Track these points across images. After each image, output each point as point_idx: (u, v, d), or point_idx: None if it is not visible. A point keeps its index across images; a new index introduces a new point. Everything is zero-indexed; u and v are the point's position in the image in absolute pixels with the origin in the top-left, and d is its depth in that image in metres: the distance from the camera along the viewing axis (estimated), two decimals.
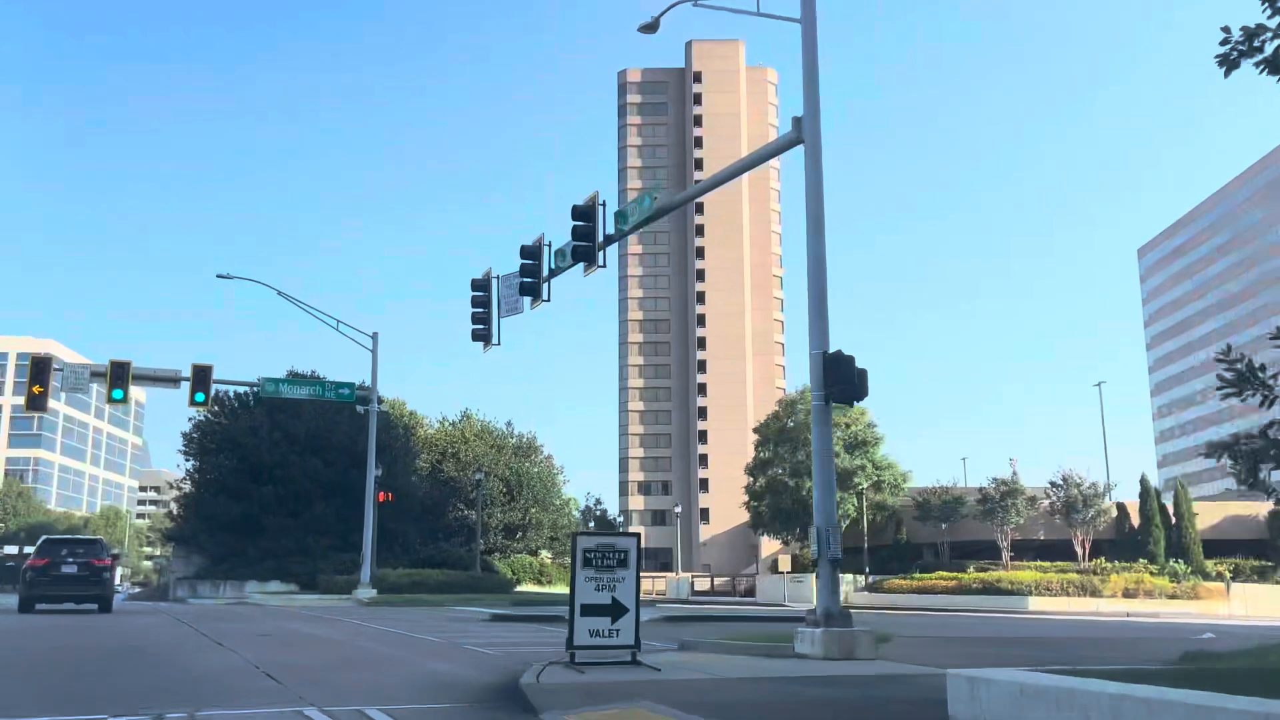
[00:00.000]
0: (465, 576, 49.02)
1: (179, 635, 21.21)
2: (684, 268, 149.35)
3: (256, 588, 49.98)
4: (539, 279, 25.57)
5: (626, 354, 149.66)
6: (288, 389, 43.38)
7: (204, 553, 55.00)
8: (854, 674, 13.22)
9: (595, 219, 23.25)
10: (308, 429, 54.60)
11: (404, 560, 51.87)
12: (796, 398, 60.65)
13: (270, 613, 33.37)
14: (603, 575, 13.77)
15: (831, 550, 15.86)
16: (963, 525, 56.67)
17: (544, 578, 59.04)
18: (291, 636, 21.24)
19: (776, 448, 60.00)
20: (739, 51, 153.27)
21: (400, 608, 38.12)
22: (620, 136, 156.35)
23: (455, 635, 21.81)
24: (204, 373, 41.37)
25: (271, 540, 52.29)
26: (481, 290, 28.55)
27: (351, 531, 53.48)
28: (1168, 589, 50.37)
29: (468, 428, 62.36)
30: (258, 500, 52.68)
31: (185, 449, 56.21)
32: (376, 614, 32.24)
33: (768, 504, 58.49)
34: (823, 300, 16.76)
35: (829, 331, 16.64)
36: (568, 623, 13.58)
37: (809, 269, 16.87)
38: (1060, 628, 31.12)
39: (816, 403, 16.33)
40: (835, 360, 16.11)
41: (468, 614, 32.57)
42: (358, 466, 54.05)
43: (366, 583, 42.85)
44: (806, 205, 17.01)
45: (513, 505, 59.33)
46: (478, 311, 28.47)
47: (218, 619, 28.32)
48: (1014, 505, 53.35)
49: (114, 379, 40.51)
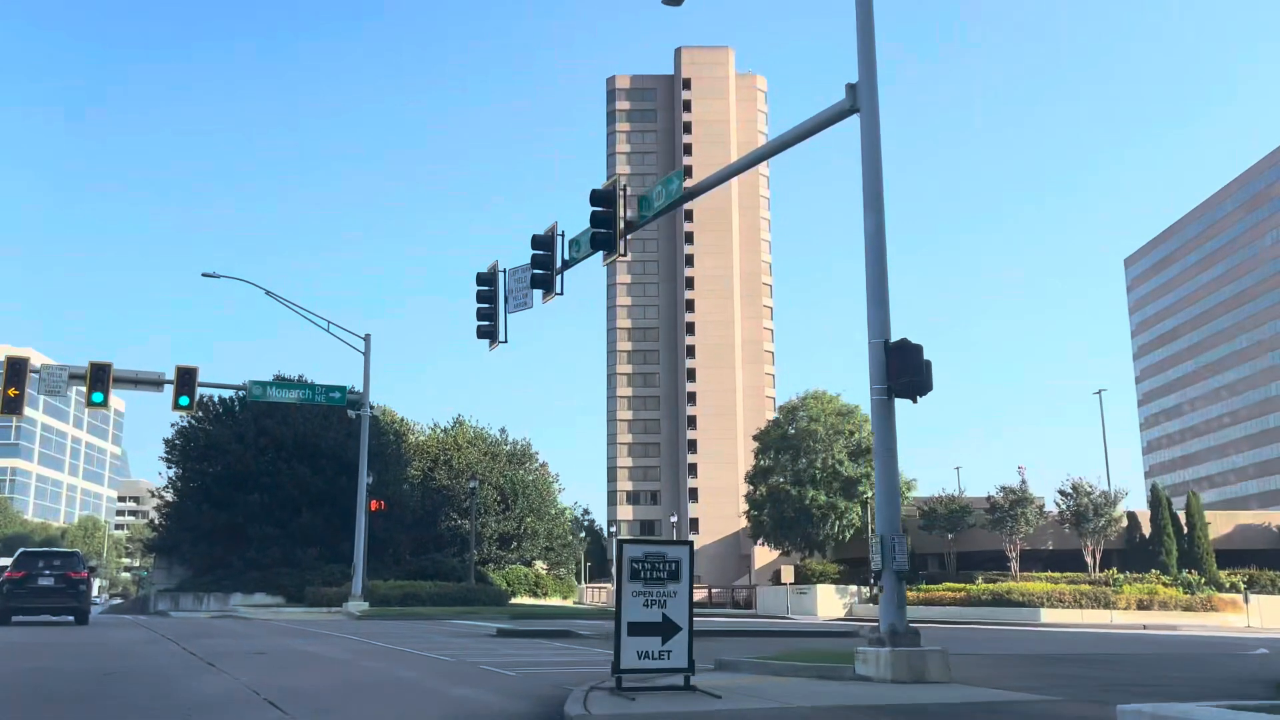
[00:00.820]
0: (459, 588, 47.19)
1: (165, 655, 19.47)
2: (673, 275, 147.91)
3: (241, 600, 48.06)
4: (552, 270, 23.90)
5: (615, 362, 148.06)
6: (276, 392, 41.51)
7: (187, 563, 52.94)
8: (940, 701, 11.63)
9: (615, 205, 21.66)
10: (295, 435, 52.70)
11: (395, 571, 49.99)
12: (798, 404, 59.12)
13: (259, 627, 31.57)
14: (652, 589, 12.16)
15: (897, 560, 14.26)
16: (969, 535, 55.22)
17: (539, 589, 57.15)
18: (289, 656, 19.52)
19: (778, 455, 58.39)
20: (729, 58, 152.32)
21: (394, 621, 36.35)
22: (609, 143, 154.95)
23: (465, 653, 20.13)
24: (189, 375, 39.56)
25: (257, 550, 50.34)
26: (487, 285, 26.86)
27: (341, 541, 51.58)
28: (1182, 600, 48.99)
29: (460, 434, 60.39)
30: (243, 509, 50.71)
31: (167, 456, 54.21)
32: (372, 629, 30.49)
33: (769, 513, 56.84)
34: (882, 282, 15.15)
35: (890, 318, 15.07)
36: (613, 642, 11.93)
37: (867, 248, 15.26)
38: (1092, 642, 29.58)
39: (878, 397, 14.69)
40: (901, 350, 14.51)
41: (469, 628, 30.84)
42: (347, 474, 52.22)
43: (358, 595, 41.03)
44: (864, 178, 15.42)
45: (507, 514, 57.38)
46: (483, 307, 26.78)
47: (204, 634, 26.55)
48: (1024, 514, 51.91)
49: (94, 381, 38.64)
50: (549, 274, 23.88)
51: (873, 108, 15.52)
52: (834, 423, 57.34)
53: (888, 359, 14.59)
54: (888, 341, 14.73)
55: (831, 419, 57.45)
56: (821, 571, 55.41)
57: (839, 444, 56.67)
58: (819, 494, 55.34)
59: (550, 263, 23.89)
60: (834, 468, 55.95)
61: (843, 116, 15.97)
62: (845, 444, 57.10)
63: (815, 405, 58.02)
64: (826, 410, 57.65)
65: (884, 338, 14.78)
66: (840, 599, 55.33)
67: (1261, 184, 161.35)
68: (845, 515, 55.41)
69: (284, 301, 41.73)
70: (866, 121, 15.51)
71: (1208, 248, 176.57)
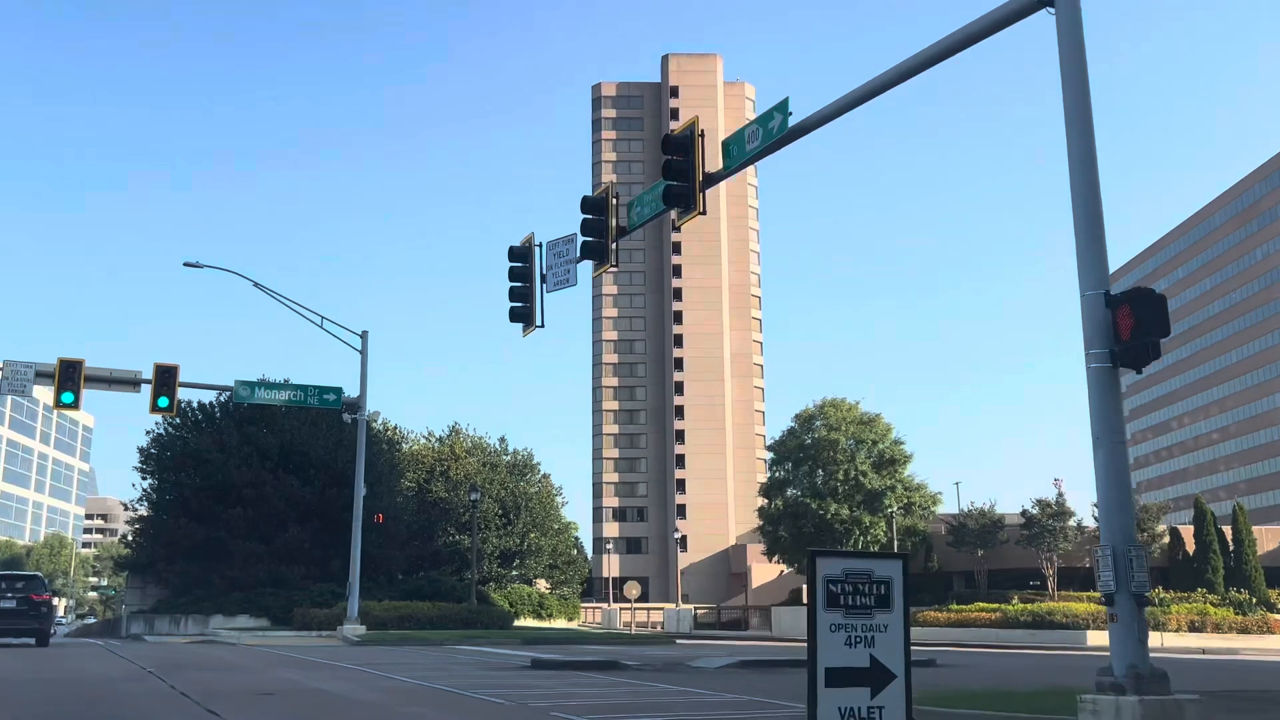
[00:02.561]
0: (460, 609, 43.38)
1: (150, 694, 15.78)
2: (660, 286, 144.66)
3: (222, 623, 44.00)
4: (606, 238, 20.41)
5: (600, 375, 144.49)
6: (265, 394, 37.51)
7: (163, 583, 48.65)
8: None
9: (693, 153, 18.27)
10: (281, 443, 48.74)
11: (389, 591, 46.05)
12: (814, 411, 55.65)
13: (250, 655, 27.71)
14: (856, 621, 8.68)
15: (1135, 580, 10.77)
16: (999, 552, 51.88)
17: (544, 610, 53.08)
18: (304, 697, 15.84)
19: (797, 467, 54.91)
20: (717, 66, 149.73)
21: (398, 647, 32.61)
22: (594, 152, 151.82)
23: (515, 690, 16.53)
24: (168, 374, 35.65)
25: (240, 569, 46.25)
26: (521, 261, 23.34)
27: (331, 559, 47.72)
28: (1236, 622, 45.89)
29: (457, 443, 56.29)
30: (225, 523, 46.65)
31: (142, 466, 49.98)
32: (378, 657, 26.76)
33: (786, 528, 53.26)
34: (1096, 219, 11.74)
35: (1107, 262, 11.66)
36: (807, 694, 8.40)
37: (1073, 179, 11.84)
38: (1209, 671, 26.06)
39: (1098, 364, 11.22)
40: (1140, 299, 11.05)
41: (491, 658, 27.10)
42: (337, 485, 48.40)
43: (354, 618, 37.14)
44: (1064, 94, 12.05)
45: (509, 529, 53.30)
46: (517, 286, 23.25)
47: (190, 664, 22.79)
48: (1062, 530, 48.65)
49: (63, 380, 34.69)
50: (603, 241, 20.39)
51: (1074, 3, 12.16)
52: (855, 431, 53.94)
53: (1112, 315, 11.15)
54: (1109, 292, 11.31)
55: (853, 427, 54.05)
56: None
57: (861, 454, 53.28)
58: (841, 508, 51.86)
59: (603, 228, 20.41)
60: (856, 479, 52.51)
61: (1033, 10, 12.55)
62: (868, 454, 53.70)
63: (834, 413, 54.57)
64: (846, 418, 54.25)
65: (1103, 288, 11.37)
66: None
67: (1251, 197, 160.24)
68: (870, 531, 51.96)
69: (273, 294, 37.99)
70: (1066, 21, 12.15)
71: (1195, 263, 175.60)
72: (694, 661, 23.70)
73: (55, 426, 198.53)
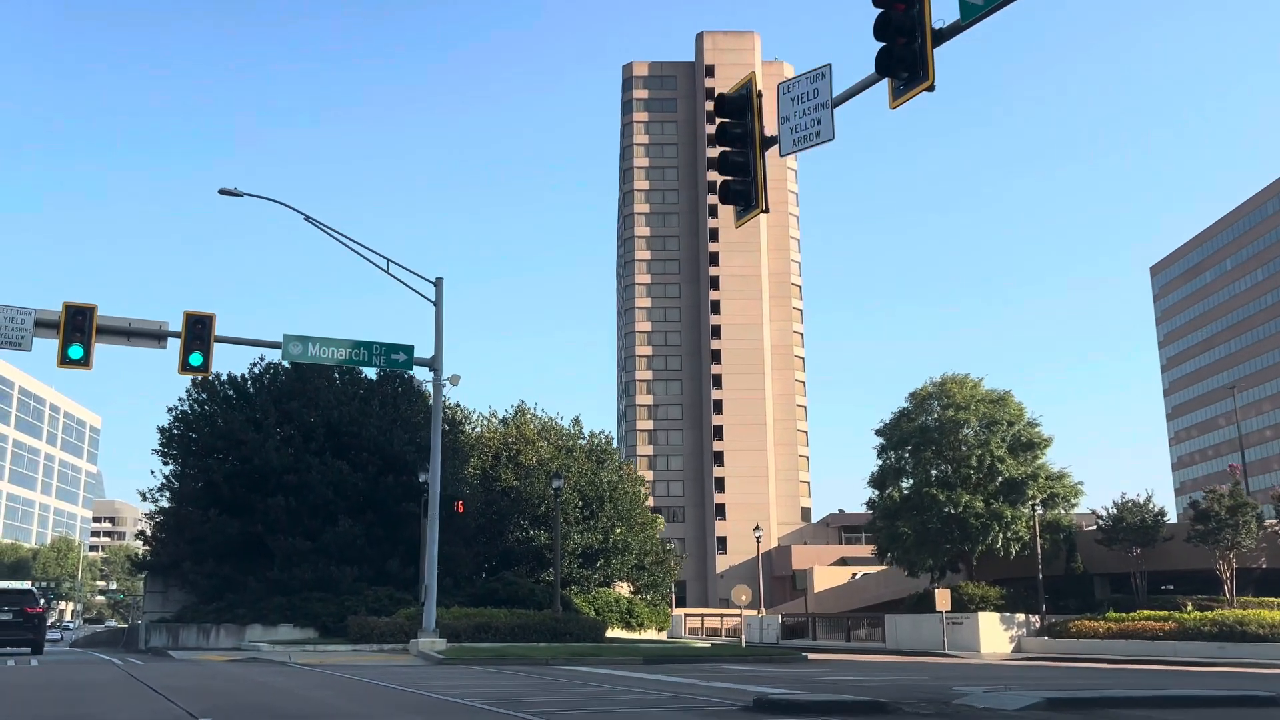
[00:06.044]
0: (542, 618, 36.06)
1: None
2: (696, 276, 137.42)
3: (261, 634, 36.64)
4: (915, 39, 13.03)
5: (633, 368, 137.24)
6: (320, 350, 29.86)
7: (188, 586, 40.98)
8: None
9: None
10: (327, 422, 41.37)
11: (458, 596, 38.63)
12: (933, 390, 48.22)
13: (317, 683, 19.97)
14: None
15: None
16: (1159, 551, 44.47)
17: (633, 619, 45.73)
18: None
19: (916, 454, 47.50)
20: (755, 44, 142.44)
21: (494, 668, 25.22)
22: (625, 135, 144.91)
23: None
24: (202, 325, 28.38)
25: (282, 570, 38.73)
26: (735, 115, 16.12)
27: (387, 557, 40.43)
28: None
29: (525, 425, 48.97)
30: (262, 515, 39.22)
31: (163, 448, 42.34)
32: (480, 681, 19.41)
33: (909, 524, 45.80)
34: None
35: None
36: None
37: None
38: None
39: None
40: None
41: (655, 689, 19.59)
42: (394, 470, 41.15)
43: (431, 629, 29.72)
44: None
45: (591, 524, 45.75)
46: (731, 153, 16.02)
47: (251, 700, 15.45)
48: (1246, 524, 41.24)
49: (69, 330, 27.49)
50: (910, 44, 12.94)
51: None
52: (987, 412, 46.56)
53: None
54: None
55: (982, 407, 46.66)
56: (982, 597, 44.53)
57: (995, 439, 45.87)
58: (975, 499, 44.52)
59: (911, 26, 13.00)
60: (992, 467, 45.16)
61: None
62: (1001, 438, 46.30)
63: (958, 391, 47.13)
64: (973, 396, 46.91)
65: None
66: (1006, 630, 44.46)
67: None
68: (1011, 526, 44.56)
69: (330, 231, 30.72)
70: None
71: (1244, 254, 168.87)
72: (963, 700, 16.24)
73: (62, 427, 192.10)
